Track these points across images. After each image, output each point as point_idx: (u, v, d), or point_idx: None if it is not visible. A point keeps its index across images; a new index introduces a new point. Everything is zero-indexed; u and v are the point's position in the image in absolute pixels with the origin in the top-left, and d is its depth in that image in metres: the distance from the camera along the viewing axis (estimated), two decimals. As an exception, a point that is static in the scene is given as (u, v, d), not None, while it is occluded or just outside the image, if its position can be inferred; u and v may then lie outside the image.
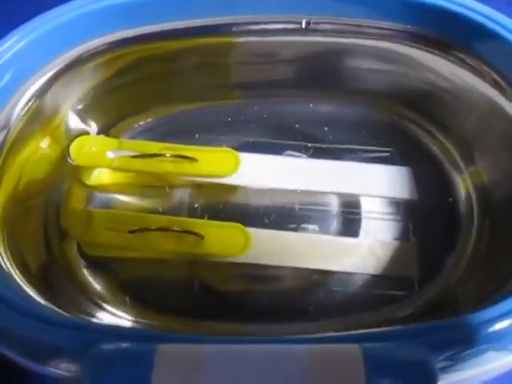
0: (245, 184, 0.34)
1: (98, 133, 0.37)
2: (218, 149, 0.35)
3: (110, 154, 0.34)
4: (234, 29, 0.35)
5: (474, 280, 0.32)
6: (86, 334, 0.21)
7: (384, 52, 0.36)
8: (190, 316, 0.32)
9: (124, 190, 0.36)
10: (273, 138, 0.38)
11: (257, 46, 0.36)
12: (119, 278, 0.33)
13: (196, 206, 0.35)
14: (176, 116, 0.39)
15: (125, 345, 0.20)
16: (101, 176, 0.35)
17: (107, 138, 0.36)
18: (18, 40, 0.29)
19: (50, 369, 0.20)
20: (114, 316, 0.32)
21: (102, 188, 0.36)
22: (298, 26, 0.35)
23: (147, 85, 0.38)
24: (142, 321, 0.32)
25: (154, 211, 0.34)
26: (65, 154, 0.34)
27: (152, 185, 0.36)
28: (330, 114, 0.40)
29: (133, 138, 0.38)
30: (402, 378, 0.19)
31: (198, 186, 0.35)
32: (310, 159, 0.37)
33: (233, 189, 0.35)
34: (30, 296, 0.25)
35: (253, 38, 0.36)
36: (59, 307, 0.26)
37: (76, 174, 0.35)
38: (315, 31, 0.35)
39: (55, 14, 0.30)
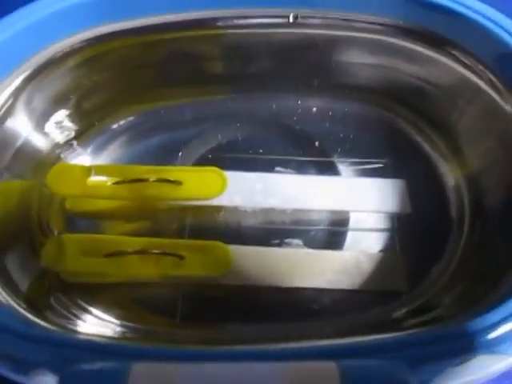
0: (232, 205, 0.33)
1: (75, 134, 0.36)
2: (204, 168, 0.33)
3: (91, 181, 0.31)
4: (220, 23, 0.34)
5: (460, 286, 0.31)
6: (63, 350, 0.21)
7: (375, 45, 0.35)
8: (176, 318, 0.31)
9: (106, 215, 0.34)
10: (258, 136, 0.37)
11: (242, 39, 0.35)
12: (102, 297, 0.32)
13: (181, 229, 0.34)
14: (157, 113, 0.38)
15: (99, 364, 0.21)
16: (82, 203, 0.34)
17: (86, 165, 0.33)
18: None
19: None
20: (99, 319, 0.31)
21: (85, 215, 0.34)
22: (286, 20, 0.34)
23: (126, 82, 0.36)
24: (128, 324, 0.31)
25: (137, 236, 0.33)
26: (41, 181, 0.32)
27: (135, 210, 0.34)
28: (319, 111, 0.38)
29: (112, 138, 0.37)
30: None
31: (183, 209, 0.34)
32: (299, 175, 0.35)
33: (219, 210, 0.34)
34: (15, 311, 0.25)
35: (238, 31, 0.34)
36: (45, 317, 0.26)
37: (57, 199, 0.34)
38: (303, 25, 0.34)
39: (23, 15, 0.29)
